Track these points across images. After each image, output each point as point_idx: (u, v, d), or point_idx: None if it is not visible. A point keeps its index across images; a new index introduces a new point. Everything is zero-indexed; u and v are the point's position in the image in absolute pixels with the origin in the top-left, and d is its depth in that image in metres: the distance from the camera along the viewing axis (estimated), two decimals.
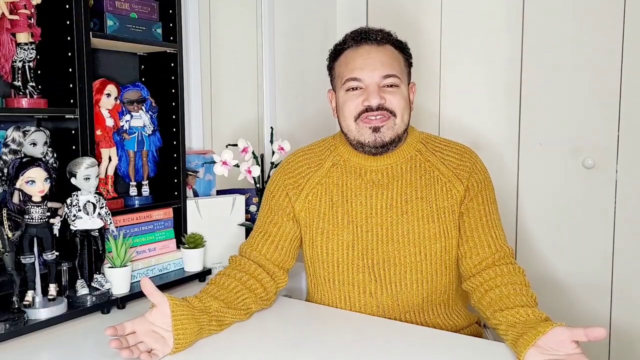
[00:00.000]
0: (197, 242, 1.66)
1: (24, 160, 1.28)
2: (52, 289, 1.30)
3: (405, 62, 1.44)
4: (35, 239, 1.28)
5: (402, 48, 1.44)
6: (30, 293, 1.27)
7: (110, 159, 1.58)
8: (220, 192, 1.88)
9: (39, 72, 1.39)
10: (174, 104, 1.67)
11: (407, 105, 1.41)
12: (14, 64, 1.33)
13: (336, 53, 1.46)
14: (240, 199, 1.79)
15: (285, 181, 1.47)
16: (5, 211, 1.24)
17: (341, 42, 1.45)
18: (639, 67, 1.97)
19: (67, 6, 1.36)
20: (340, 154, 1.47)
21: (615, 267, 2.05)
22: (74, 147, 1.41)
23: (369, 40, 1.40)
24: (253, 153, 1.81)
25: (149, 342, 1.13)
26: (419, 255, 1.38)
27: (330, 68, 1.48)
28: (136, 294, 1.46)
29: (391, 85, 1.38)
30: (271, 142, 1.97)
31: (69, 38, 1.38)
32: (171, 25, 1.64)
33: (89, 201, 1.36)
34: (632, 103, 1.99)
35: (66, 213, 1.35)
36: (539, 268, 2.19)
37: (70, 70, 1.39)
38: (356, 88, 1.39)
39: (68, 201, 1.35)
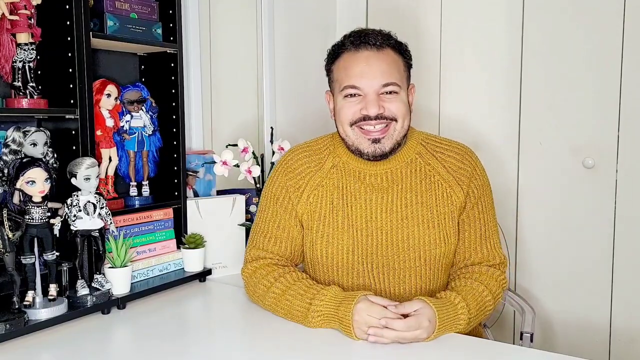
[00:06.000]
0: (197, 242, 1.66)
1: (24, 160, 1.28)
2: (53, 289, 1.30)
3: (404, 65, 1.40)
4: (35, 239, 1.28)
5: (401, 51, 1.40)
6: (30, 293, 1.27)
7: (110, 159, 1.58)
8: (220, 192, 1.88)
9: (39, 72, 1.39)
10: (174, 104, 1.67)
11: (408, 110, 1.39)
12: (14, 64, 1.33)
13: (334, 55, 1.41)
14: (240, 199, 1.79)
15: (286, 182, 1.46)
16: (5, 211, 1.24)
17: (339, 44, 1.40)
18: (639, 67, 1.97)
19: (67, 6, 1.36)
20: (340, 156, 1.45)
21: (615, 267, 2.05)
22: (74, 148, 1.41)
23: (368, 45, 1.35)
24: (253, 153, 1.81)
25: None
26: (419, 260, 1.38)
27: (329, 70, 1.44)
28: (136, 294, 1.46)
29: (390, 92, 1.35)
30: (271, 142, 1.97)
31: (69, 38, 1.38)
32: (171, 25, 1.64)
33: (89, 201, 1.36)
34: (632, 103, 1.99)
35: (66, 213, 1.35)
36: (538, 268, 2.19)
37: (70, 70, 1.38)
38: (354, 95, 1.36)
39: (68, 201, 1.35)
